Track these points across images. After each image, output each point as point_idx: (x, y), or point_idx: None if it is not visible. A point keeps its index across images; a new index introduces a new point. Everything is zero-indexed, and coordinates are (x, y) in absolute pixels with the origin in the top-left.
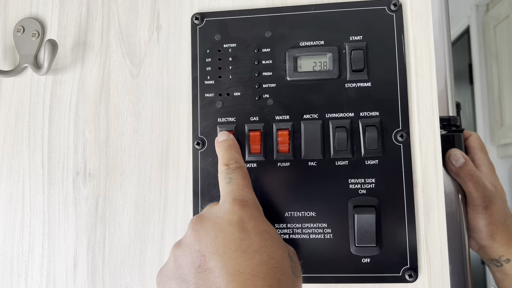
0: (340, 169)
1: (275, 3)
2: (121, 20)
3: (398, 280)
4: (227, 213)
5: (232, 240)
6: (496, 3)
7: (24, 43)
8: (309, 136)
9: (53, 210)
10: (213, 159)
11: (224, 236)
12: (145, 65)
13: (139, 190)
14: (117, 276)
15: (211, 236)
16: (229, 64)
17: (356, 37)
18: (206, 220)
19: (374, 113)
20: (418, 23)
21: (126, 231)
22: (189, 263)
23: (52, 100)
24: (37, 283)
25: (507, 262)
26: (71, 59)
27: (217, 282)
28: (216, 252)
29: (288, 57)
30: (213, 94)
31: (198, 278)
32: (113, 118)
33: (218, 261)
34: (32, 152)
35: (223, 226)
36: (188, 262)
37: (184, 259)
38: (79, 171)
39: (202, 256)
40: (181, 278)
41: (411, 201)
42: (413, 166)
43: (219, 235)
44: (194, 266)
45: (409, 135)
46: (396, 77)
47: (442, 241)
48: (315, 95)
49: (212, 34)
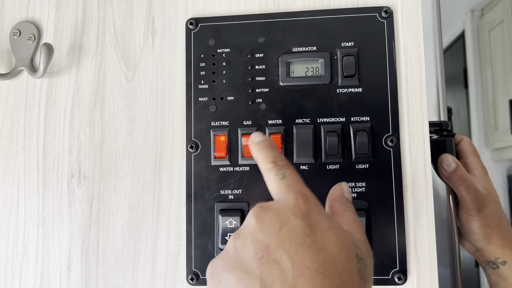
0: (331, 173)
1: (268, 9)
2: (117, 25)
3: (387, 282)
4: (291, 206)
5: (298, 234)
6: (491, 8)
7: (20, 46)
8: (301, 140)
9: (47, 212)
10: (206, 162)
11: (290, 229)
12: (140, 69)
13: (133, 192)
14: (110, 277)
15: (276, 228)
16: (223, 68)
17: (347, 43)
18: (270, 210)
19: (365, 118)
20: (408, 29)
21: (120, 233)
22: (251, 253)
23: (48, 103)
24: (31, 284)
25: (503, 264)
26: (66, 62)
27: (283, 276)
28: (281, 244)
29: (281, 62)
30: (206, 98)
31: (262, 269)
32: (108, 121)
33: (284, 254)
34: (27, 154)
35: (288, 219)
36: (250, 252)
37: (245, 249)
38: (74, 174)
39: (266, 248)
40: (241, 269)
41: (400, 204)
42: (403, 170)
43: (284, 227)
44: (257, 257)
45: (399, 140)
46: (386, 82)
47: (431, 244)
48: (307, 100)
49: (206, 39)
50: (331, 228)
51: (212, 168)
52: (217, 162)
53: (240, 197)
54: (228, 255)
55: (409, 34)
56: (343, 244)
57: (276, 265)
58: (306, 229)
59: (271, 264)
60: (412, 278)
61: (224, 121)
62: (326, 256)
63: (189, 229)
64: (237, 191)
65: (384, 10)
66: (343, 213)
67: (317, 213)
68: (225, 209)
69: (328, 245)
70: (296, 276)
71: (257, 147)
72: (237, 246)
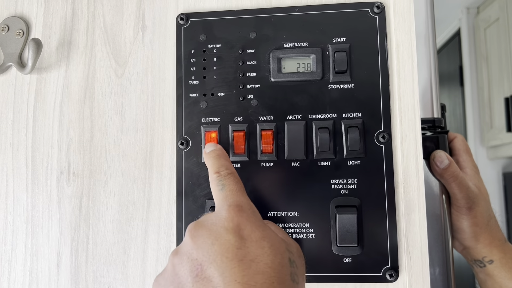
0: (322, 170)
1: (259, 4)
2: (106, 20)
3: (379, 279)
4: (223, 220)
5: (228, 249)
6: (487, 6)
7: (8, 41)
8: (292, 137)
9: (36, 209)
10: (196, 159)
11: (221, 245)
12: (129, 64)
13: (123, 189)
14: (100, 275)
15: (208, 244)
16: (214, 64)
17: (339, 39)
18: (203, 227)
19: (356, 114)
20: (400, 25)
21: (110, 231)
22: (187, 271)
23: (37, 99)
24: (20, 282)
25: (490, 263)
26: (55, 58)
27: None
28: (213, 261)
29: (272, 58)
30: (197, 94)
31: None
32: (98, 118)
33: (215, 270)
34: (16, 151)
35: (220, 234)
36: (185, 270)
37: (182, 268)
38: (63, 170)
39: (199, 265)
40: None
41: (392, 201)
42: (395, 167)
43: (215, 243)
44: (192, 275)
45: (391, 136)
46: (378, 78)
47: (423, 241)
48: (298, 96)
49: (197, 35)
50: (264, 238)
51: (203, 165)
52: None
53: None
54: (168, 272)
55: (401, 30)
56: (276, 252)
57: (209, 282)
58: (238, 243)
59: (204, 281)
60: (404, 275)
61: (215, 117)
62: (258, 267)
63: (179, 227)
64: None
65: (376, 6)
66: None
67: (250, 223)
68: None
69: (260, 255)
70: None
71: (207, 157)
72: (175, 263)
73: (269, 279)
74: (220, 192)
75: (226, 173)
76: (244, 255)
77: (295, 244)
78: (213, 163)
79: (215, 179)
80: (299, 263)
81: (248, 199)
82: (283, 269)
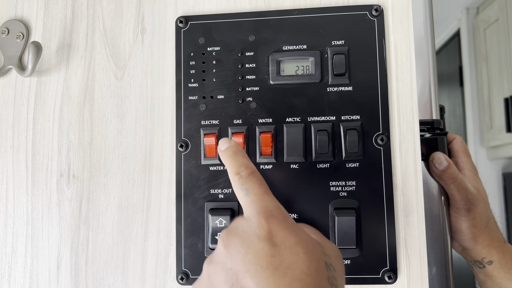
0: (321, 172)
1: (258, 7)
2: (106, 23)
3: (377, 281)
4: (254, 227)
5: (262, 257)
6: (486, 6)
7: (8, 44)
8: (291, 139)
9: (36, 212)
10: (196, 162)
11: (254, 253)
12: (129, 67)
13: (123, 191)
14: (100, 277)
15: (241, 253)
16: (213, 67)
17: (338, 42)
18: (235, 235)
19: (355, 117)
20: (399, 28)
21: (110, 233)
22: (222, 281)
23: (37, 102)
24: (20, 284)
25: (489, 264)
26: (55, 61)
27: None
28: (248, 271)
29: (271, 61)
30: (196, 97)
31: None
32: (97, 120)
33: (250, 280)
34: (16, 153)
35: (252, 242)
36: (221, 280)
37: (217, 277)
38: (63, 173)
39: (234, 275)
40: None
41: (391, 203)
42: (393, 169)
43: (249, 252)
44: (227, 285)
45: (389, 139)
46: (377, 81)
47: (421, 243)
48: (297, 99)
49: (196, 38)
50: (298, 243)
51: (202, 167)
52: (207, 161)
53: (230, 197)
54: (203, 282)
55: (400, 32)
56: (311, 257)
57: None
58: (271, 250)
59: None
60: (403, 277)
61: (214, 120)
62: (294, 274)
63: (179, 229)
64: (227, 190)
65: (374, 9)
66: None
67: (282, 229)
68: (215, 209)
69: (295, 261)
70: None
71: (222, 156)
72: (210, 273)
73: (306, 286)
74: (245, 197)
75: (247, 174)
76: (279, 262)
77: (332, 246)
78: (231, 163)
79: (236, 182)
80: (336, 266)
81: (276, 201)
82: (319, 274)
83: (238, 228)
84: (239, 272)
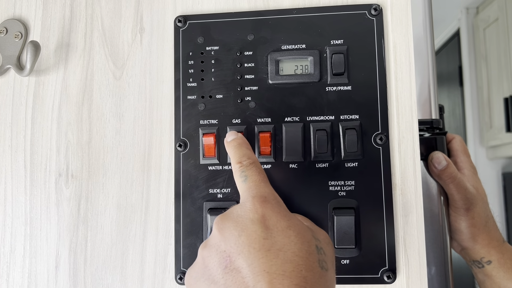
0: (320, 171)
1: (257, 7)
2: (105, 22)
3: (376, 281)
4: (248, 211)
5: (255, 239)
6: (486, 6)
7: (7, 44)
8: (290, 139)
9: (35, 212)
10: (195, 161)
11: (247, 236)
12: (128, 67)
13: (121, 191)
14: (98, 277)
15: (235, 236)
16: (212, 66)
17: (337, 41)
18: (229, 219)
19: (354, 116)
20: (398, 27)
21: (108, 233)
22: (216, 263)
23: (35, 101)
24: (18, 284)
25: (488, 264)
26: (54, 60)
27: (245, 283)
28: (241, 252)
29: (270, 60)
30: (195, 96)
31: (226, 279)
32: (96, 120)
33: (243, 261)
34: (15, 153)
35: (246, 225)
36: (215, 263)
37: (211, 260)
38: (62, 173)
39: (228, 257)
40: (209, 279)
41: (390, 203)
42: (392, 168)
43: (242, 234)
44: (221, 267)
45: (388, 138)
46: (376, 80)
47: (420, 242)
48: (296, 98)
49: (195, 37)
50: (290, 227)
51: (201, 167)
52: (206, 161)
53: (229, 196)
54: (198, 265)
55: (399, 32)
56: (303, 240)
57: (238, 273)
58: (264, 233)
59: (233, 273)
60: (402, 277)
61: (213, 119)
62: (285, 256)
63: (177, 228)
64: (226, 190)
65: (373, 8)
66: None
67: (275, 213)
68: (214, 208)
69: (287, 244)
70: (256, 281)
71: (228, 146)
72: (204, 256)
73: (297, 267)
74: (243, 183)
75: (248, 163)
76: (271, 245)
77: (322, 231)
78: (235, 153)
79: (237, 169)
80: (327, 250)
81: (271, 189)
82: (310, 257)
83: (232, 213)
84: (232, 254)
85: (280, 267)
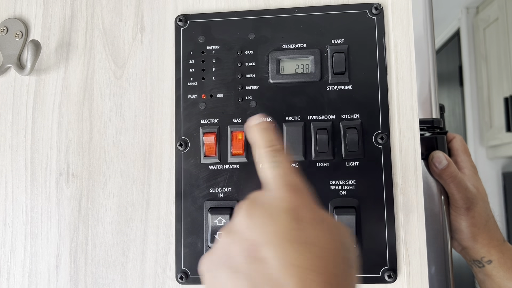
0: (321, 171)
1: (258, 6)
2: (105, 21)
3: (377, 280)
4: (280, 200)
5: (286, 230)
6: (486, 5)
7: (7, 43)
8: (291, 138)
9: (35, 211)
10: (195, 160)
11: (278, 225)
12: (128, 66)
13: (122, 190)
14: (99, 276)
15: (264, 224)
16: (212, 65)
17: (338, 40)
18: (258, 206)
19: (355, 116)
20: (399, 26)
21: (109, 232)
22: (239, 251)
23: (36, 100)
24: (19, 283)
25: (488, 263)
26: (54, 59)
27: (271, 274)
28: (269, 242)
29: (271, 59)
30: (196, 96)
31: (251, 269)
32: (97, 119)
33: (271, 252)
34: (15, 152)
35: (277, 214)
36: (237, 250)
37: (234, 247)
38: (62, 172)
39: (252, 245)
40: (231, 267)
41: (391, 202)
42: (393, 168)
43: (272, 223)
44: (244, 255)
45: (389, 138)
46: (377, 80)
47: (421, 242)
48: (297, 98)
49: (196, 36)
50: (322, 221)
51: (202, 166)
52: (207, 160)
53: (229, 195)
54: (219, 252)
55: (400, 31)
56: (332, 235)
57: (264, 264)
58: (296, 224)
59: (258, 262)
60: (402, 276)
61: (213, 118)
62: (316, 251)
63: (178, 228)
64: (227, 189)
65: (374, 7)
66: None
67: (307, 206)
68: (214, 207)
69: (319, 238)
70: (285, 274)
71: (253, 130)
72: (226, 243)
73: (329, 264)
74: (274, 169)
75: (280, 148)
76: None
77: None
78: (262, 137)
79: (267, 153)
80: (351, 248)
81: (302, 180)
82: (338, 254)
83: (261, 200)
84: (259, 243)
85: (311, 262)
